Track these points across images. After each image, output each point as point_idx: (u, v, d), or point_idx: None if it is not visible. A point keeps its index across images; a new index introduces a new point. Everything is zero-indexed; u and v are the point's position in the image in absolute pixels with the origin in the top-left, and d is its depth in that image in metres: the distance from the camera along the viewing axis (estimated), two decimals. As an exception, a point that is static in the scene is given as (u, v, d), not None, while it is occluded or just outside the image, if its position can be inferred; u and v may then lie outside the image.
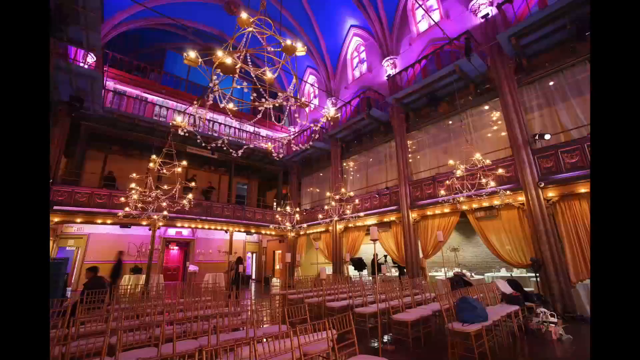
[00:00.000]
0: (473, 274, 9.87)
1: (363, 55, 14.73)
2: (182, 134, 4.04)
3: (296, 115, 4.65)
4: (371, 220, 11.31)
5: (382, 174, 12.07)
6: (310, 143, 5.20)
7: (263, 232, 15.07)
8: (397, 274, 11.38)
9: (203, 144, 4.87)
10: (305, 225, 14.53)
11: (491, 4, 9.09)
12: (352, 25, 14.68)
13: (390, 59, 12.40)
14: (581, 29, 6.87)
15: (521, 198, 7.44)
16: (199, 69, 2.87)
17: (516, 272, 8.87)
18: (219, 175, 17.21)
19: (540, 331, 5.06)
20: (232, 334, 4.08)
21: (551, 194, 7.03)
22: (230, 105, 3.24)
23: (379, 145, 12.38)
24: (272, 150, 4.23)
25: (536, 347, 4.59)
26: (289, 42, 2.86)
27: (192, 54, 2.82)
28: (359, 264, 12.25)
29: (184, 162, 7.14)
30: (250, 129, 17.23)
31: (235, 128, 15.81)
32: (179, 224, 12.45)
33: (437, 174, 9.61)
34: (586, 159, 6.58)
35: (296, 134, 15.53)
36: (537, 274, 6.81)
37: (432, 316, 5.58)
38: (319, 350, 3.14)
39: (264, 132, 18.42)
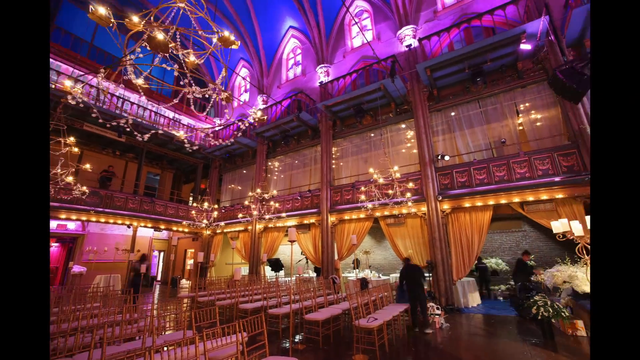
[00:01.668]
0: (381, 275, 10.91)
1: (299, 58, 14.89)
2: (74, 103, 3.34)
3: (226, 110, 4.39)
4: (292, 222, 11.42)
5: (306, 177, 12.33)
6: (232, 140, 4.96)
7: (175, 228, 13.65)
8: (314, 274, 11.74)
9: (100, 120, 4.11)
10: (223, 223, 13.76)
11: (414, 37, 10.33)
12: (291, 26, 14.69)
13: (325, 66, 12.86)
14: (475, 74, 8.38)
15: (424, 208, 8.59)
16: (109, 31, 2.43)
17: (414, 273, 10.16)
18: (126, 161, 14.91)
19: (428, 322, 5.93)
20: (124, 345, 3.55)
21: (446, 206, 8.33)
22: (140, 81, 2.82)
23: (305, 149, 12.63)
24: (186, 140, 3.84)
25: (423, 335, 5.35)
26: (226, 33, 2.70)
27: (101, 10, 2.37)
28: (276, 265, 12.19)
29: (72, 139, 5.93)
30: (170, 114, 15.48)
31: (150, 111, 13.95)
32: (63, 216, 10.27)
33: (356, 181, 10.33)
34: (471, 179, 8.03)
35: (221, 127, 14.60)
36: (431, 274, 7.95)
37: (342, 314, 5.93)
38: (227, 354, 2.98)
39: (185, 119, 16.80)
